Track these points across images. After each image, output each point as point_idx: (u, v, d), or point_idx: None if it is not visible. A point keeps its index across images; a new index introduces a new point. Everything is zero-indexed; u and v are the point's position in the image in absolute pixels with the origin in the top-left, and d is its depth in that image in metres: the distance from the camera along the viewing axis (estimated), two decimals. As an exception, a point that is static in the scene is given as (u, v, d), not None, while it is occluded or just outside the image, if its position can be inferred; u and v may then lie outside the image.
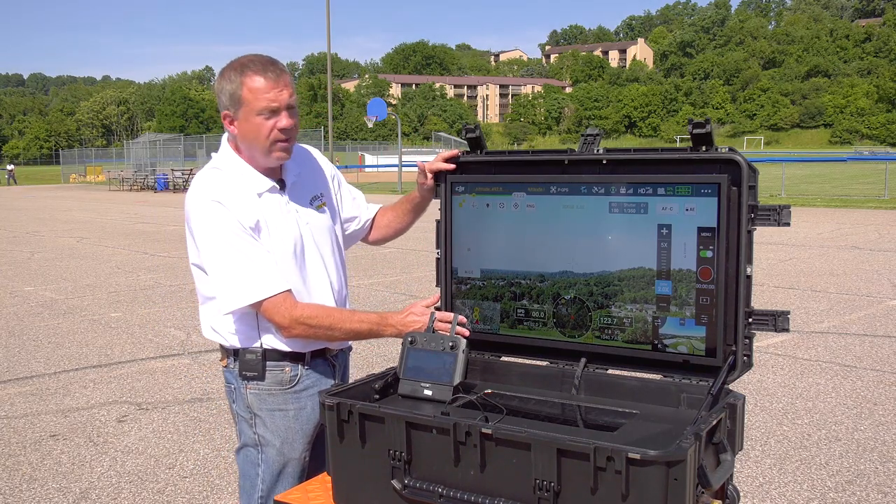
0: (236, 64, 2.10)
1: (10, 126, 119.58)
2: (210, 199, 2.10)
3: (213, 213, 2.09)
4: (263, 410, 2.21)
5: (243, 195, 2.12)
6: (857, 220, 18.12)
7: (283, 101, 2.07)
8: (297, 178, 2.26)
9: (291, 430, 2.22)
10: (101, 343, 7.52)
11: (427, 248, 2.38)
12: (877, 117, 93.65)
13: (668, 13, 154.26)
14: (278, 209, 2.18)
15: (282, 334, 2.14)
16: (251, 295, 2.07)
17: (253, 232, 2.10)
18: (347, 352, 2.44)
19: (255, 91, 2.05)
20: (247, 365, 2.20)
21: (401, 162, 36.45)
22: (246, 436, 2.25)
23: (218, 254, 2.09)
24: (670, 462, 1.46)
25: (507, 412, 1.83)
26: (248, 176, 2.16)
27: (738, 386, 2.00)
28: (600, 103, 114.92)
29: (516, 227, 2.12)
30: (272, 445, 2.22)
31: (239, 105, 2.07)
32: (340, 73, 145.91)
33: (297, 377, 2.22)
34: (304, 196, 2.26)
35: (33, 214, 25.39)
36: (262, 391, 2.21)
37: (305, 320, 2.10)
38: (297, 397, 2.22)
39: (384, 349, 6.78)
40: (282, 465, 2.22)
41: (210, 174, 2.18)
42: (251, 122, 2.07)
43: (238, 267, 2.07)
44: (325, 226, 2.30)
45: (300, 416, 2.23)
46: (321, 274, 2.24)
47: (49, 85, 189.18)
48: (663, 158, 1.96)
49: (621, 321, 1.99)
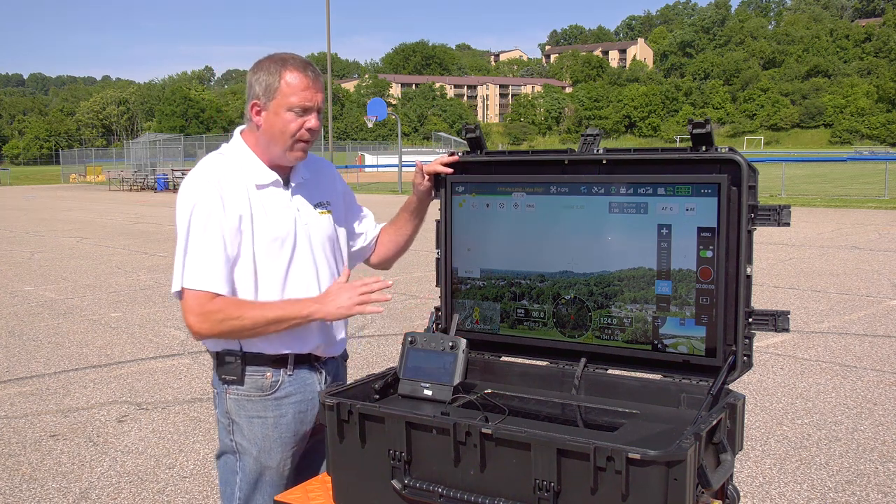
0: (277, 58, 2.11)
1: (10, 126, 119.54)
2: (199, 182, 2.08)
3: (193, 195, 2.06)
4: (242, 417, 2.16)
5: (238, 184, 2.10)
6: (857, 220, 18.12)
7: (317, 102, 2.10)
8: (305, 181, 2.24)
9: (269, 438, 2.16)
10: (101, 343, 7.52)
11: (427, 248, 2.37)
12: (877, 117, 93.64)
13: (668, 13, 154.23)
14: (279, 203, 2.15)
15: (192, 335, 2.06)
16: (178, 282, 2.02)
17: (235, 223, 2.06)
18: (340, 360, 2.35)
19: (292, 86, 2.06)
20: (226, 369, 2.14)
21: (401, 162, 36.45)
22: (223, 442, 2.20)
23: (180, 235, 2.06)
24: (670, 462, 1.46)
25: (507, 412, 1.83)
26: (254, 167, 2.15)
27: (738, 386, 2.00)
28: (600, 103, 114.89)
29: (516, 227, 2.12)
30: (249, 453, 2.16)
31: (272, 97, 2.07)
32: (340, 73, 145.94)
33: (278, 383, 2.15)
34: (309, 198, 2.24)
35: (33, 214, 25.39)
36: (241, 397, 2.15)
37: (214, 313, 2.01)
38: (278, 404, 2.15)
39: (384, 349, 6.79)
40: (258, 473, 2.16)
41: (212, 159, 2.17)
42: (280, 115, 2.07)
43: (188, 252, 2.03)
44: (325, 232, 2.25)
45: (279, 423, 2.16)
46: (308, 279, 2.17)
47: (49, 85, 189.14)
48: (663, 158, 1.96)
49: (621, 321, 1.99)
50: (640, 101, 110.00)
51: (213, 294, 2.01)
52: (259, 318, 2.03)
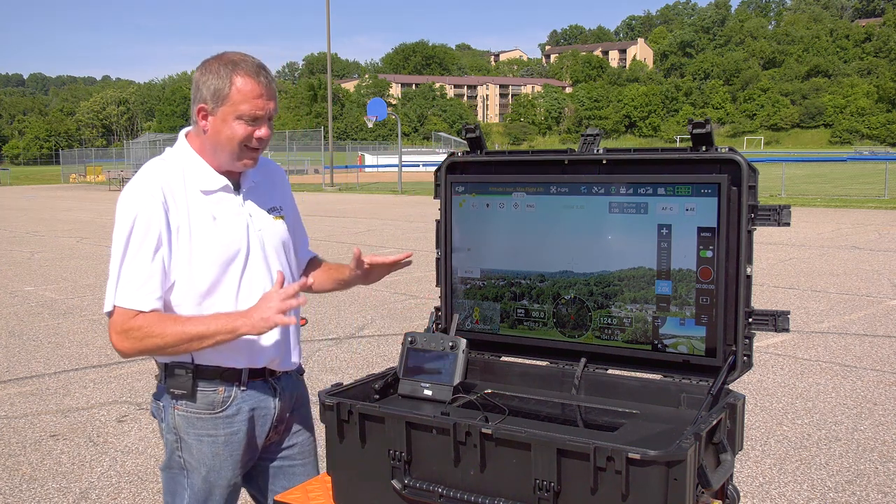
0: (226, 59, 1.97)
1: (10, 126, 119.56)
2: (138, 190, 1.97)
3: (132, 206, 1.95)
4: (190, 435, 2.04)
5: (182, 192, 1.99)
6: (857, 220, 18.12)
7: (268, 111, 1.98)
8: (255, 186, 2.14)
9: (220, 456, 2.05)
10: (101, 343, 7.51)
11: (427, 248, 2.36)
12: (877, 117, 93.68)
13: (668, 13, 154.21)
14: (229, 210, 2.05)
15: (116, 351, 1.96)
16: (108, 301, 1.94)
17: (175, 233, 1.96)
18: (295, 375, 2.24)
19: (243, 93, 1.93)
20: (175, 382, 2.02)
21: (401, 162, 36.46)
22: (171, 458, 2.09)
23: (114, 248, 1.97)
24: (670, 462, 1.46)
25: (507, 412, 1.83)
26: (200, 172, 2.03)
27: (738, 386, 2.00)
28: (600, 103, 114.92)
29: (516, 227, 2.11)
30: (197, 472, 2.06)
31: (221, 103, 1.95)
32: (340, 73, 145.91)
33: (230, 399, 2.04)
34: (261, 203, 2.14)
35: (33, 214, 25.39)
36: (190, 414, 2.03)
37: (135, 331, 1.90)
38: (230, 422, 2.05)
39: (384, 349, 6.78)
40: (207, 492, 2.08)
41: (153, 166, 2.03)
42: (229, 123, 1.96)
43: (119, 269, 1.94)
44: (279, 237, 2.16)
45: (231, 441, 2.06)
46: (264, 287, 2.05)
47: (49, 85, 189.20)
48: (663, 158, 1.96)
49: (621, 321, 1.99)
50: (640, 101, 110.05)
51: (137, 311, 1.91)
52: (181, 335, 1.90)
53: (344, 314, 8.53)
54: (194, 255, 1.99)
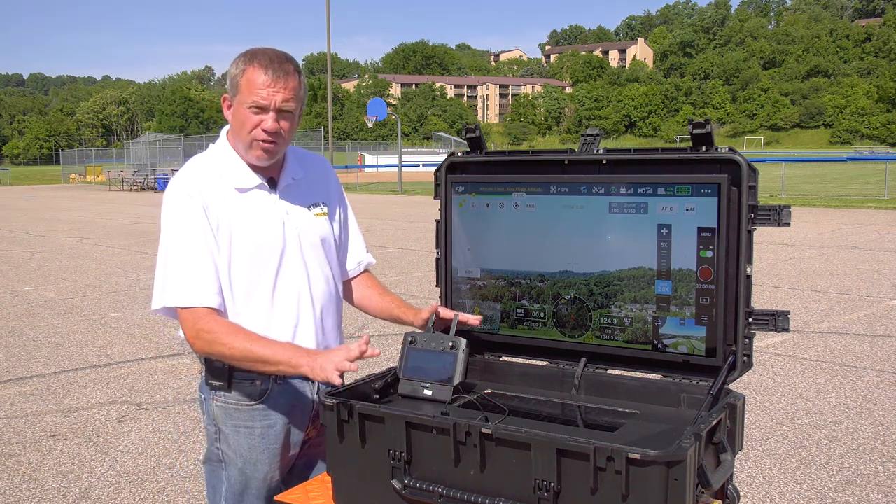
0: (249, 52, 2.03)
1: (10, 126, 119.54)
2: (179, 189, 2.02)
3: (175, 204, 2.01)
4: (228, 426, 2.08)
5: (219, 190, 2.03)
6: (857, 220, 18.12)
7: (273, 102, 1.97)
8: (296, 182, 2.14)
9: (256, 449, 2.08)
10: (101, 343, 7.52)
11: (427, 248, 2.36)
12: (877, 117, 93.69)
13: (668, 13, 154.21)
14: (263, 208, 2.07)
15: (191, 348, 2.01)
16: (167, 298, 1.98)
17: (216, 230, 2.00)
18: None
19: (251, 83, 1.97)
20: (213, 373, 2.06)
21: (401, 162, 36.45)
22: (210, 450, 2.14)
23: (162, 248, 2.01)
24: (670, 462, 1.46)
25: (507, 412, 1.83)
26: (236, 170, 2.07)
27: (738, 386, 2.00)
28: (600, 103, 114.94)
29: (516, 227, 2.11)
30: (234, 464, 2.09)
31: (235, 92, 2.01)
32: (340, 73, 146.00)
33: (267, 392, 2.07)
34: (300, 200, 2.14)
35: (33, 214, 25.39)
36: (228, 405, 2.07)
37: (206, 333, 1.94)
38: (266, 414, 2.07)
39: (384, 349, 6.78)
40: (244, 485, 2.10)
41: (195, 163, 2.10)
42: (240, 111, 2.00)
43: (171, 267, 1.98)
44: (318, 234, 2.15)
45: (267, 434, 2.08)
46: (300, 286, 2.08)
47: (49, 85, 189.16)
48: (663, 158, 1.96)
49: (621, 321, 1.99)
50: (640, 101, 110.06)
51: (208, 309, 1.96)
52: (247, 352, 1.93)
53: (344, 314, 8.51)
54: (233, 254, 2.02)
